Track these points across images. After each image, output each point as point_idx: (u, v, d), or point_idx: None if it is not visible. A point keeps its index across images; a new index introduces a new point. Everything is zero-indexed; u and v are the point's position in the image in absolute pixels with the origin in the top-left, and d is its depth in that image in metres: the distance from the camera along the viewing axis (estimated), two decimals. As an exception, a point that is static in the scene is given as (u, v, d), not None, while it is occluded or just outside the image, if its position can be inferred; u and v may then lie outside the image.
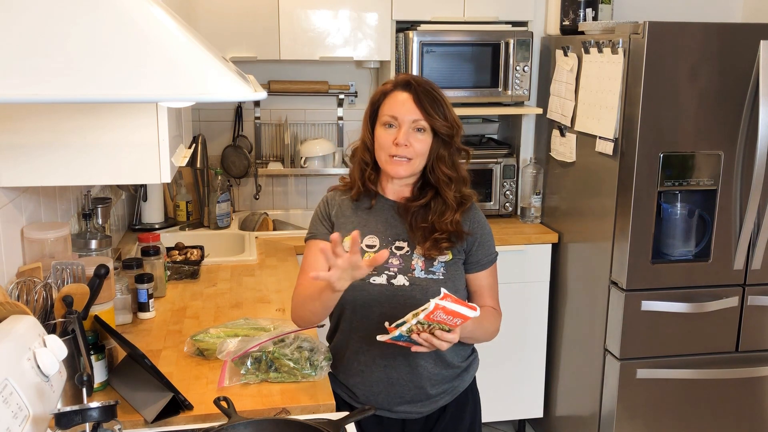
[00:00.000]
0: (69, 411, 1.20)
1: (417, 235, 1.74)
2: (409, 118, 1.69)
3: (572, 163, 2.98)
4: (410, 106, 1.69)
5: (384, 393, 1.78)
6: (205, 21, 3.01)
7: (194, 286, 2.44)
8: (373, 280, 1.73)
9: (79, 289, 1.57)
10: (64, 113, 1.56)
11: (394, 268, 1.74)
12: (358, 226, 1.78)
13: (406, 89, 1.71)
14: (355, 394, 1.81)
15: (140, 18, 0.91)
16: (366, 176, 1.78)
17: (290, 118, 3.47)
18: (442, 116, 1.69)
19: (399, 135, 1.68)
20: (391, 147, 1.69)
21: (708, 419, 2.81)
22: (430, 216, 1.74)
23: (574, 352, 3.07)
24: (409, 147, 1.69)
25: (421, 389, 1.77)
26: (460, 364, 1.83)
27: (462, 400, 1.85)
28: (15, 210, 1.72)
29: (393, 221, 1.79)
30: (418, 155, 1.70)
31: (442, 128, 1.69)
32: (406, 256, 1.75)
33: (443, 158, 1.72)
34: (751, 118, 2.53)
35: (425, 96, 1.69)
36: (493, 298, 1.84)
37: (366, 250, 1.76)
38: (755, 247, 2.65)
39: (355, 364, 1.79)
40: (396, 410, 1.79)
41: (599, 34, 2.79)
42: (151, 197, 3.15)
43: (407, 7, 3.13)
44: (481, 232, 1.80)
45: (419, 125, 1.69)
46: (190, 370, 1.77)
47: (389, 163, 1.72)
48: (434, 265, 1.74)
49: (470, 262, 1.79)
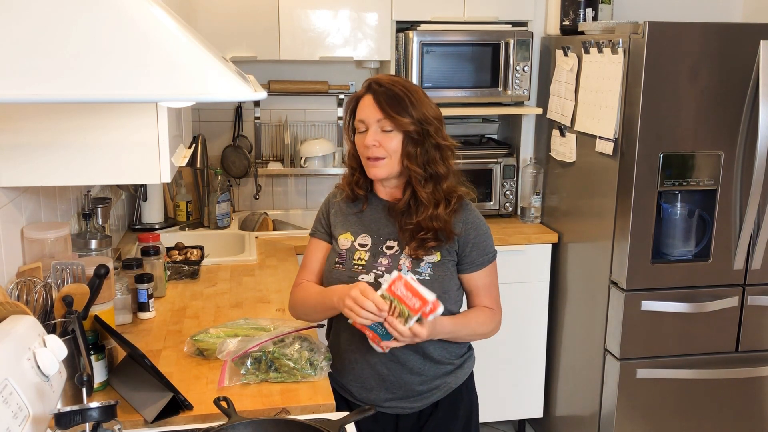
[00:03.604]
0: (69, 411, 1.20)
1: (405, 235, 1.76)
2: (374, 119, 1.71)
3: (572, 163, 2.98)
4: (372, 108, 1.71)
5: (376, 389, 1.81)
6: (205, 21, 3.01)
7: (194, 286, 2.44)
8: (361, 278, 1.76)
9: (79, 289, 1.57)
10: (64, 113, 1.56)
11: (382, 267, 1.76)
12: (351, 224, 1.83)
13: (369, 92, 1.73)
14: (350, 392, 1.85)
15: (140, 18, 0.91)
16: (353, 181, 1.83)
17: (290, 118, 3.47)
18: (406, 114, 1.69)
19: (367, 137, 1.71)
20: (365, 150, 1.73)
21: (708, 419, 2.81)
22: (413, 216, 1.75)
23: (574, 352, 3.07)
24: (379, 147, 1.71)
25: (408, 385, 1.80)
26: (451, 361, 1.84)
27: (455, 397, 1.86)
28: (15, 210, 1.72)
29: (385, 221, 1.81)
30: (390, 153, 1.71)
31: (407, 126, 1.69)
32: (395, 255, 1.77)
33: (412, 156, 1.71)
34: (751, 118, 2.53)
35: (385, 96, 1.70)
36: (490, 297, 1.84)
37: (358, 248, 1.80)
38: (755, 247, 2.65)
39: (346, 361, 1.83)
40: (387, 406, 1.82)
41: (599, 34, 2.79)
42: (151, 197, 3.15)
43: (407, 7, 3.13)
44: (475, 233, 1.79)
45: (383, 125, 1.70)
46: (190, 370, 1.77)
47: (367, 166, 1.75)
48: (421, 266, 1.75)
49: (464, 263, 1.80)
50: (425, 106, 1.72)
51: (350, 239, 1.82)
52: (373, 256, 1.78)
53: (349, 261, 1.79)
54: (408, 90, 1.71)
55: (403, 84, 1.73)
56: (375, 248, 1.79)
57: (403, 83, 1.74)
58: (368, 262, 1.78)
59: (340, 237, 1.83)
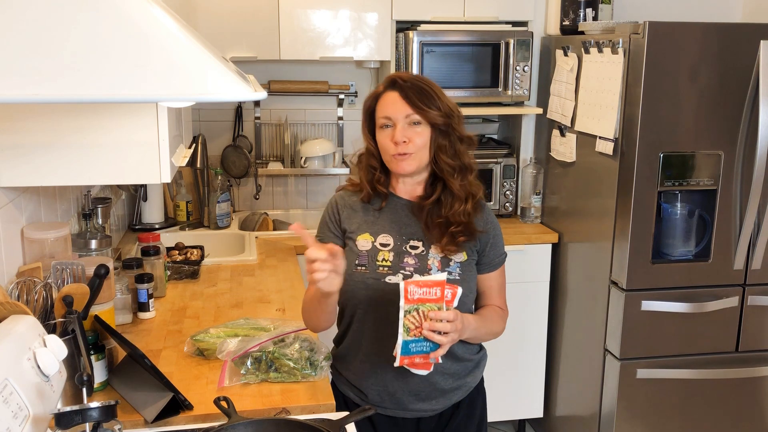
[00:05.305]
0: (69, 411, 1.20)
1: (433, 233, 1.74)
2: (402, 115, 1.69)
3: (572, 163, 2.98)
4: (400, 104, 1.70)
5: (399, 392, 1.77)
6: (205, 21, 3.01)
7: (194, 286, 2.44)
8: (388, 280, 1.72)
9: (79, 289, 1.57)
10: (64, 113, 1.56)
11: (410, 267, 1.73)
12: (369, 224, 1.79)
13: (393, 88, 1.72)
14: (366, 396, 1.79)
15: (140, 18, 0.91)
16: (375, 179, 1.79)
17: (290, 118, 3.47)
18: (434, 106, 1.69)
19: (395, 133, 1.69)
20: (392, 146, 1.70)
21: (708, 419, 2.81)
22: (443, 210, 1.73)
23: (574, 352, 3.07)
24: (408, 143, 1.69)
25: (434, 385, 1.77)
26: (471, 358, 1.83)
27: (474, 396, 1.87)
28: (15, 210, 1.72)
29: (407, 220, 1.78)
30: (419, 148, 1.70)
31: (436, 118, 1.69)
32: (422, 255, 1.74)
33: (444, 147, 1.72)
34: (751, 118, 2.53)
35: (412, 90, 1.69)
36: (501, 298, 1.85)
37: (380, 249, 1.75)
38: (755, 247, 2.65)
39: (368, 365, 1.77)
40: (411, 408, 1.78)
41: (599, 34, 2.79)
42: (151, 197, 3.15)
43: (407, 7, 3.13)
44: (493, 232, 1.80)
45: (413, 119, 1.69)
46: (190, 370, 1.77)
47: (394, 163, 1.73)
48: (450, 265, 1.73)
49: (482, 263, 1.79)
50: (447, 99, 1.74)
51: (370, 240, 1.77)
52: (398, 256, 1.74)
53: (372, 262, 1.74)
54: (430, 85, 1.73)
55: (424, 79, 1.74)
56: (398, 248, 1.75)
57: (424, 79, 1.75)
58: (394, 262, 1.74)
59: (359, 238, 1.77)
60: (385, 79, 1.76)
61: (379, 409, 1.77)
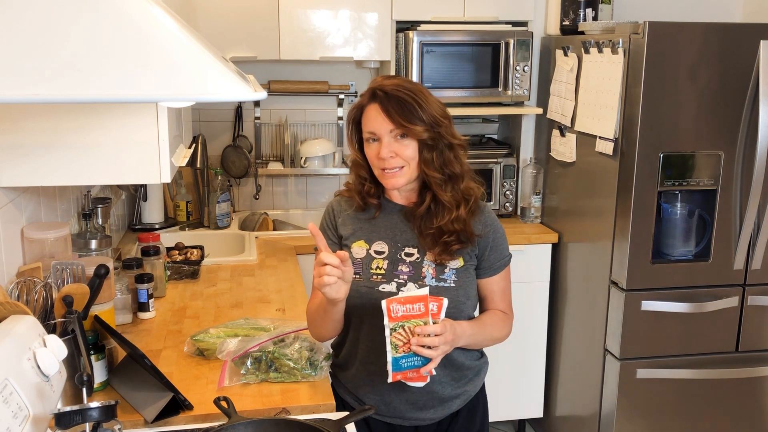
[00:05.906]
0: (69, 411, 1.20)
1: (427, 240, 1.70)
2: (386, 130, 1.64)
3: (572, 163, 2.98)
4: (382, 119, 1.64)
5: (396, 401, 1.73)
6: (205, 21, 3.01)
7: (194, 286, 2.44)
8: (382, 288, 1.70)
9: (79, 289, 1.57)
10: (64, 113, 1.56)
11: (404, 275, 1.70)
12: (365, 231, 1.76)
13: (375, 100, 1.66)
14: (364, 403, 1.77)
15: (140, 18, 0.91)
16: (365, 191, 1.75)
17: (290, 118, 3.47)
18: (417, 119, 1.62)
19: (381, 149, 1.65)
20: (380, 161, 1.66)
21: (708, 419, 2.81)
22: (434, 220, 1.69)
23: (574, 352, 3.07)
24: (395, 157, 1.65)
25: (432, 394, 1.73)
26: (471, 365, 1.79)
27: (473, 405, 1.83)
28: (15, 210, 1.72)
29: (402, 226, 1.75)
30: (407, 161, 1.66)
31: (420, 133, 1.63)
32: (416, 263, 1.71)
33: (429, 161, 1.66)
34: (751, 118, 2.53)
35: (392, 104, 1.63)
36: (505, 301, 1.80)
37: (375, 256, 1.73)
38: (755, 247, 2.65)
39: (364, 373, 1.75)
40: (409, 417, 1.75)
41: (599, 34, 2.79)
42: (151, 197, 3.15)
43: (407, 7, 3.13)
44: (493, 235, 1.75)
45: (398, 133, 1.65)
46: (190, 370, 1.77)
47: (383, 177, 1.69)
48: (445, 273, 1.70)
49: (483, 267, 1.75)
50: (432, 106, 1.66)
51: (365, 247, 1.74)
52: (392, 263, 1.71)
53: (367, 270, 1.71)
54: (413, 92, 1.65)
55: (406, 87, 1.66)
56: (393, 255, 1.72)
57: (407, 85, 1.67)
58: (388, 270, 1.70)
59: (354, 245, 1.74)
60: (367, 89, 1.70)
61: (377, 416, 1.76)
